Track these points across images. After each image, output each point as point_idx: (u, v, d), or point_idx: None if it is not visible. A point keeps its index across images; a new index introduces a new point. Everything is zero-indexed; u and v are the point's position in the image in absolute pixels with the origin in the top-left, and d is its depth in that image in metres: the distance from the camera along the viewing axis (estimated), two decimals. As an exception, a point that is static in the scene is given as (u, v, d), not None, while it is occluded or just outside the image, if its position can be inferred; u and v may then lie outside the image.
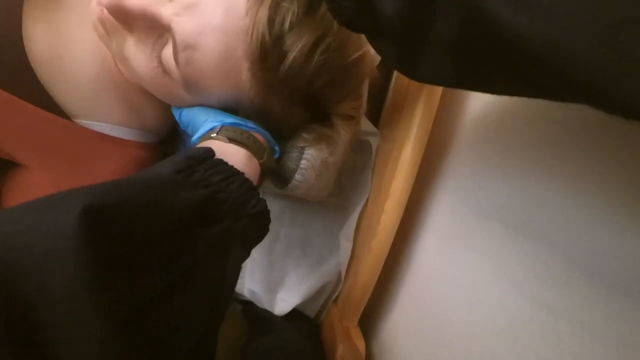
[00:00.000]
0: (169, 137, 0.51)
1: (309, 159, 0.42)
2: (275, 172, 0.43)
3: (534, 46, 0.14)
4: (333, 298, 0.58)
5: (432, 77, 0.22)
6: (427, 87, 0.42)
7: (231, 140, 0.35)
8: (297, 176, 0.42)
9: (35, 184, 0.42)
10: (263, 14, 0.33)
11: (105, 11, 0.34)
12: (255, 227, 0.33)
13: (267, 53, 0.34)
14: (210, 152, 0.32)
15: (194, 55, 0.34)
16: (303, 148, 0.42)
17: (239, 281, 0.55)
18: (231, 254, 0.29)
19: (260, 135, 0.39)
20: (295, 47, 0.33)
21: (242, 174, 0.32)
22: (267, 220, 0.35)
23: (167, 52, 0.35)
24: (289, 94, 0.37)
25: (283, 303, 0.54)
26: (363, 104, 0.47)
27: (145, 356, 0.21)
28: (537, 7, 0.14)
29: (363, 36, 0.31)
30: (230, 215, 0.29)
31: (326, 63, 0.36)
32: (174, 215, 0.25)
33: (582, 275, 0.25)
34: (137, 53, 0.36)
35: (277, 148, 0.42)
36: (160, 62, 0.36)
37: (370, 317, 0.54)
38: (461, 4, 0.17)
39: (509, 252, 0.32)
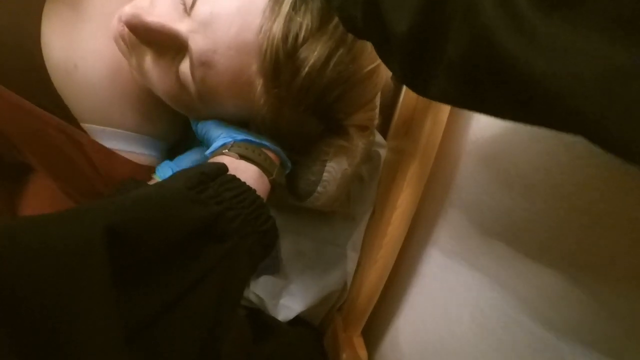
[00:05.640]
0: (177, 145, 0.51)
1: (331, 172, 0.42)
2: (296, 185, 0.44)
3: (537, 80, 0.14)
4: (337, 307, 0.58)
5: (436, 95, 0.22)
6: (436, 102, 0.43)
7: (242, 157, 0.36)
8: (319, 188, 0.43)
9: (46, 188, 0.43)
10: (277, 30, 0.33)
11: (125, 27, 0.35)
12: (263, 244, 0.33)
13: (280, 69, 0.34)
14: (223, 168, 0.33)
15: (209, 72, 0.35)
16: (325, 161, 0.42)
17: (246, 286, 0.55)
18: (238, 270, 0.30)
19: (271, 152, 0.39)
20: (308, 61, 0.34)
21: (254, 190, 0.33)
22: (275, 237, 0.35)
23: (184, 67, 0.36)
24: (303, 107, 0.38)
25: (286, 310, 0.54)
26: (377, 114, 0.47)
27: None
28: (545, 44, 0.14)
29: None
30: (239, 233, 0.30)
31: (340, 76, 0.36)
32: (184, 232, 0.25)
33: (584, 295, 0.25)
34: (156, 67, 0.37)
35: (289, 164, 0.42)
36: (178, 77, 0.37)
37: (374, 327, 0.55)
38: (471, 31, 0.17)
39: (512, 270, 0.32)
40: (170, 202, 0.26)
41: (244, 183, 0.32)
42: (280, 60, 0.34)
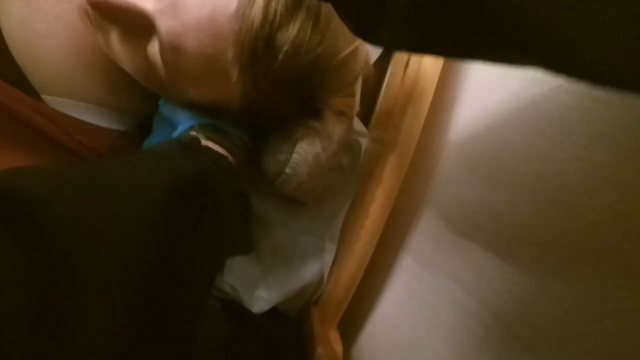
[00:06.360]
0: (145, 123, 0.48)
1: (301, 153, 0.41)
2: (264, 163, 0.42)
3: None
4: (314, 299, 0.57)
5: (391, 40, 0.21)
6: (417, 93, 0.42)
7: (208, 138, 0.36)
8: (288, 170, 0.41)
9: (6, 164, 0.40)
10: (255, 15, 0.31)
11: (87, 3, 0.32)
12: (239, 204, 0.36)
13: (258, 57, 0.32)
14: (197, 139, 0.35)
15: (180, 58, 0.33)
16: (295, 141, 0.41)
17: (220, 277, 0.54)
18: (221, 225, 0.32)
19: (235, 137, 0.39)
20: (283, 48, 0.32)
21: (226, 157, 0.35)
22: (248, 200, 0.39)
23: (153, 49, 0.33)
24: (279, 93, 0.36)
25: (262, 301, 0.53)
26: (355, 103, 0.46)
27: (146, 315, 0.24)
28: None
29: None
30: (222, 189, 0.32)
31: (316, 63, 0.34)
32: (182, 182, 0.28)
33: (565, 292, 0.24)
34: (122, 47, 0.35)
35: (250, 148, 0.42)
36: (147, 58, 0.34)
37: (351, 321, 0.54)
38: None
39: (491, 265, 0.31)
40: (167, 156, 0.30)
41: (217, 151, 0.35)
42: (258, 48, 0.32)
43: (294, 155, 0.40)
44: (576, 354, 0.23)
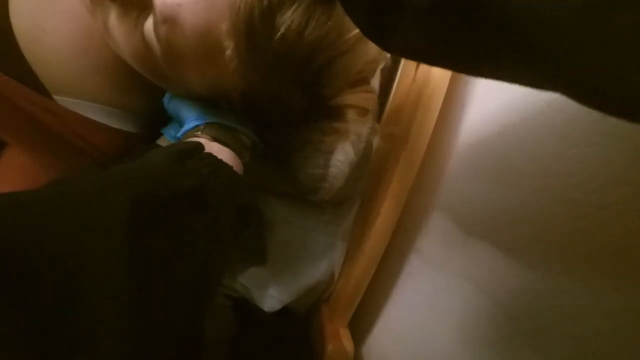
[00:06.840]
0: (154, 122, 0.47)
1: (337, 166, 0.40)
2: (298, 180, 0.42)
3: (511, 13, 0.13)
4: (324, 298, 0.57)
5: (401, 46, 0.20)
6: (429, 91, 0.41)
7: (215, 139, 0.36)
8: (326, 184, 0.41)
9: (17, 163, 0.41)
10: None
11: None
12: (243, 217, 0.35)
13: (254, 31, 0.30)
14: (199, 146, 0.33)
15: (174, 31, 0.31)
16: (329, 153, 0.40)
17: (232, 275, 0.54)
18: (222, 241, 0.31)
19: (243, 135, 0.39)
20: (285, 23, 0.30)
21: (230, 166, 0.33)
22: (255, 213, 0.37)
23: (149, 25, 0.33)
24: (280, 77, 0.35)
25: (273, 300, 0.53)
26: (374, 98, 0.44)
27: (147, 324, 0.23)
28: None
29: None
30: (219, 205, 0.31)
31: (321, 42, 0.32)
32: (175, 200, 0.28)
33: (575, 289, 0.24)
34: (120, 26, 0.34)
35: (261, 146, 0.41)
36: (143, 37, 0.33)
37: (361, 320, 0.54)
38: None
39: (501, 263, 0.31)
40: (160, 173, 0.29)
41: (220, 160, 0.33)
42: (254, 20, 0.30)
43: (331, 170, 0.40)
44: (588, 351, 0.23)
